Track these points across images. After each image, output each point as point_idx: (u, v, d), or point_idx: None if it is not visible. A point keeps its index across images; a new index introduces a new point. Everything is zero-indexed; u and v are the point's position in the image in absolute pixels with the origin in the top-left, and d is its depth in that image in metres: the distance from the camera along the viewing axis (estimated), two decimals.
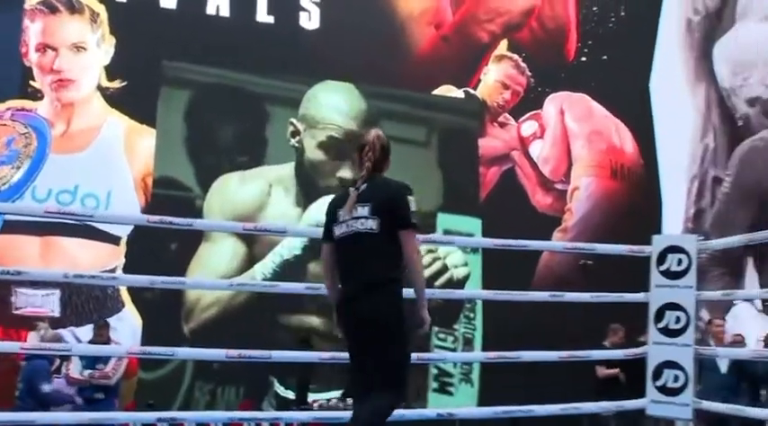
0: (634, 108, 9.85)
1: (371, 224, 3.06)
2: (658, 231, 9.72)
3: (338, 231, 3.15)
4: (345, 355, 3.25)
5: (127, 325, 7.57)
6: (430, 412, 4.59)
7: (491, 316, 8.35)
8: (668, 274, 4.47)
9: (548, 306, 6.22)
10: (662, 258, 4.51)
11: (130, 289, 7.61)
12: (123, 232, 7.63)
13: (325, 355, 4.40)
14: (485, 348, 8.38)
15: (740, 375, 6.15)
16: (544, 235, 9.04)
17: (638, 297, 4.62)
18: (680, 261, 4.44)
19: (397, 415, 3.46)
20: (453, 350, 8.49)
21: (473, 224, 8.73)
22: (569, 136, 9.47)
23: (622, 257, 5.15)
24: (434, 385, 8.39)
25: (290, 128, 8.33)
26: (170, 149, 7.97)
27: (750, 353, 4.57)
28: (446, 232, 8.64)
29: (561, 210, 9.27)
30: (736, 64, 9.96)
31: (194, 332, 7.81)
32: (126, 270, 7.51)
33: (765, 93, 10.01)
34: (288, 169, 8.35)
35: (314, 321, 8.08)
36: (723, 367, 6.24)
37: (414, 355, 3.42)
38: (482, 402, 8.00)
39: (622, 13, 9.91)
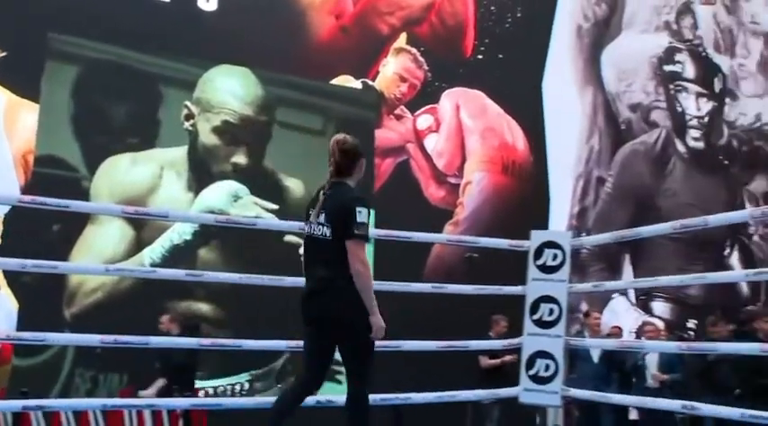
0: (526, 107, 10.19)
1: (326, 230, 3.30)
2: (546, 227, 10.12)
3: (306, 230, 3.43)
4: (229, 342, 3.48)
5: (1, 310, 7.23)
6: (309, 399, 4.63)
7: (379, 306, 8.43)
8: (544, 268, 4.69)
9: (438, 297, 6.37)
10: (539, 252, 4.71)
11: (6, 272, 7.26)
12: None
13: (206, 342, 4.35)
14: None
15: (610, 364, 6.51)
16: (436, 228, 9.23)
17: (515, 289, 4.80)
18: (555, 256, 4.66)
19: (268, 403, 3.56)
20: None
21: None
22: (464, 131, 9.70)
23: (505, 250, 5.35)
24: None
25: (184, 111, 8.16)
26: (54, 127, 7.64)
27: (617, 344, 4.85)
28: None
29: (453, 204, 9.48)
30: (621, 70, 10.48)
31: (76, 317, 7.54)
32: (2, 251, 7.15)
33: (645, 100, 10.61)
34: (181, 152, 8.18)
35: (203, 307, 7.96)
36: (595, 357, 6.59)
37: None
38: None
39: (519, 14, 10.21)
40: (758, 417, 3.84)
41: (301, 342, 3.44)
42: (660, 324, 6.82)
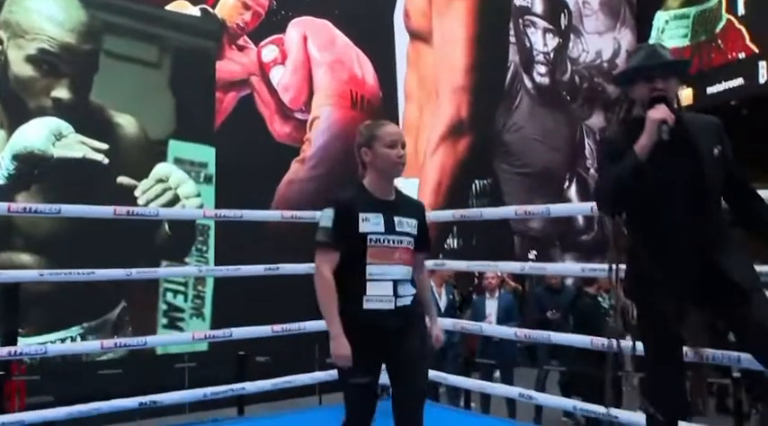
0: (377, 38, 9.87)
1: None
2: None
3: None
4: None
5: None
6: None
7: (222, 250, 8.06)
8: None
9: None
10: None
11: None
12: None
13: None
14: (216, 283, 8.12)
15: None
16: (281, 165, 8.87)
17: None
18: None
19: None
20: (185, 284, 8.13)
21: (207, 152, 8.27)
22: (311, 63, 9.25)
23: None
24: (164, 321, 7.99)
25: None
26: None
27: (451, 324, 4.77)
28: (177, 160, 8.11)
29: (300, 140, 9.11)
30: None
31: None
32: None
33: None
34: None
35: (24, 258, 7.23)
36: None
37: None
38: None
39: None
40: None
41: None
42: (499, 272, 6.82)
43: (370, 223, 2.75)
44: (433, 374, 4.37)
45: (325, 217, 2.77)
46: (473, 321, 6.02)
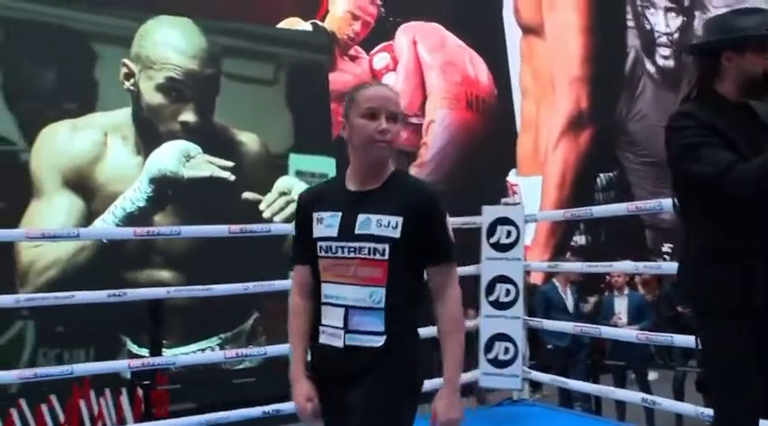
0: (488, 36, 9.76)
1: None
2: (514, 163, 9.86)
3: None
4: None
5: None
6: None
7: None
8: (498, 246, 4.40)
9: None
10: (492, 229, 4.42)
11: None
12: None
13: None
14: None
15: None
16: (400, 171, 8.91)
17: (469, 269, 4.53)
18: (509, 233, 4.37)
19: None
20: None
21: (327, 163, 8.45)
22: (423, 67, 9.27)
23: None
24: None
25: (123, 70, 7.66)
26: None
27: (575, 328, 4.59)
28: (298, 173, 8.35)
29: (417, 145, 9.14)
30: None
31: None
32: None
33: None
34: (124, 115, 7.70)
35: (163, 275, 7.66)
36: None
37: None
38: None
39: None
40: None
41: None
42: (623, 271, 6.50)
43: (323, 225, 2.05)
44: (557, 379, 4.24)
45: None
46: (602, 320, 5.80)
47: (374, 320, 1.96)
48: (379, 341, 1.96)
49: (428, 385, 2.11)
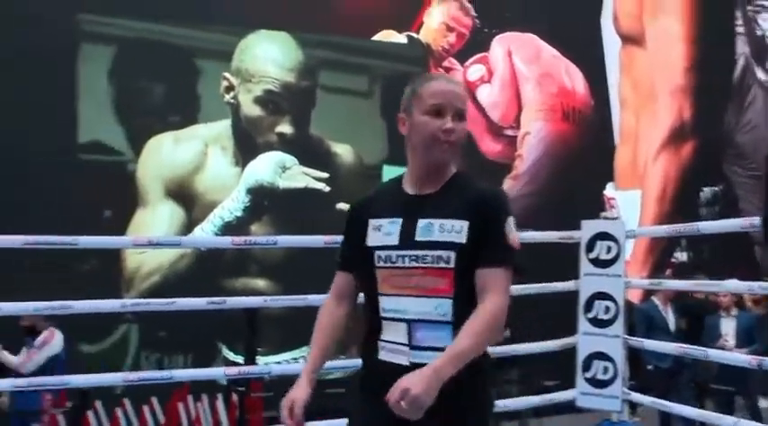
0: (585, 47, 9.53)
1: None
2: (611, 177, 9.57)
3: None
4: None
5: None
6: None
7: None
8: (597, 262, 4.25)
9: None
10: (591, 245, 4.28)
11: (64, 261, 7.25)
12: None
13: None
14: None
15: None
16: (494, 183, 8.76)
17: (568, 285, 4.40)
18: (609, 249, 4.22)
19: None
20: None
21: None
22: (518, 78, 9.14)
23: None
24: None
25: (224, 83, 7.90)
26: (95, 111, 7.51)
27: (677, 349, 4.38)
28: None
29: (511, 157, 9.01)
30: None
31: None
32: None
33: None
34: (224, 127, 7.95)
35: (259, 283, 7.83)
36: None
37: None
38: None
39: None
40: None
41: None
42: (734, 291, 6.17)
43: (381, 233, 1.89)
44: (658, 402, 4.06)
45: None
46: (708, 342, 5.53)
47: (441, 335, 1.78)
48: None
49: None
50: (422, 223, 1.83)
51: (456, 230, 1.80)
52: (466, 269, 1.80)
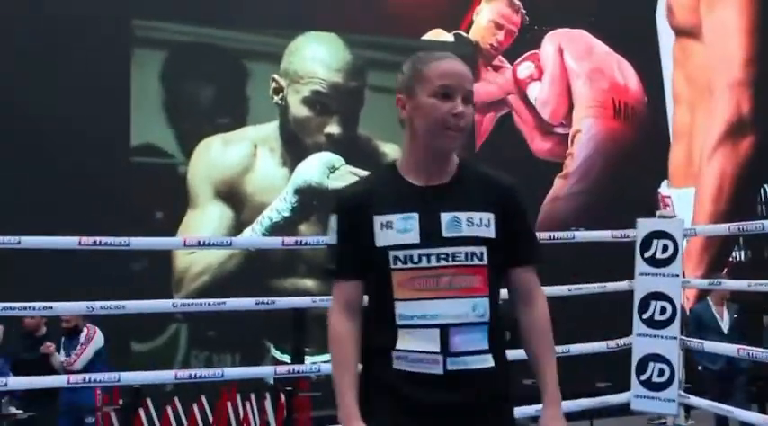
0: (638, 42, 9.31)
1: None
2: (665, 171, 9.32)
3: None
4: None
5: None
6: None
7: None
8: (653, 261, 4.11)
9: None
10: (646, 243, 4.15)
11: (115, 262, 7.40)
12: None
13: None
14: None
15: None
16: (545, 182, 8.68)
17: (621, 285, 4.27)
18: (665, 248, 4.07)
19: None
20: None
21: None
22: (569, 75, 8.99)
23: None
24: None
25: (273, 85, 7.97)
26: (147, 114, 7.65)
27: (734, 351, 4.21)
28: None
29: (562, 155, 8.85)
30: None
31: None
32: None
33: None
34: (272, 128, 8.02)
35: (307, 283, 7.86)
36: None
37: None
38: None
39: None
40: None
41: None
42: None
43: (394, 230, 1.67)
44: (716, 406, 3.92)
45: (330, 229, 1.77)
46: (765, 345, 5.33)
47: (478, 337, 1.65)
48: (487, 361, 1.66)
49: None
50: (446, 217, 1.66)
51: (485, 224, 1.67)
52: (494, 264, 1.69)
